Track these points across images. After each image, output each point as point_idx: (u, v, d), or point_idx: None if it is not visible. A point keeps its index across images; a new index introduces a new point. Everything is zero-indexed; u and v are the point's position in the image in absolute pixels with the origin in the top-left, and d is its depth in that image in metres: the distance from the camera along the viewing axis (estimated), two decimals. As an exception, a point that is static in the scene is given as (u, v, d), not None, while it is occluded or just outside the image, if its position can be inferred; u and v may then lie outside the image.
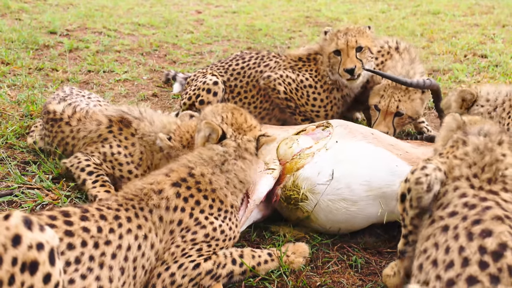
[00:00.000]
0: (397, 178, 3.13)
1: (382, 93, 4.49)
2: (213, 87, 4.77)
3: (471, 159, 2.43)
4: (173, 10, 12.09)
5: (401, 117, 4.47)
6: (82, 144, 3.79)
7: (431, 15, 11.69)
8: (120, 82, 6.41)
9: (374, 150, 3.33)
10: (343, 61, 4.42)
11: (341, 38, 4.45)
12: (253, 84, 4.84)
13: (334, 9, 12.92)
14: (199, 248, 2.72)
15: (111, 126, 3.74)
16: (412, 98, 4.44)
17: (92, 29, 9.07)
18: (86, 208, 2.51)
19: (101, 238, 2.41)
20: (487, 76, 6.85)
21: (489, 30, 9.79)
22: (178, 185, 2.78)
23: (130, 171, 3.64)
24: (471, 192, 2.29)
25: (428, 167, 2.42)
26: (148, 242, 2.59)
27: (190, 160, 2.93)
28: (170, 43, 8.61)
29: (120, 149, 3.67)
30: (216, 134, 2.96)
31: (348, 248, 3.22)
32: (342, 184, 3.16)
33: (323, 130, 3.64)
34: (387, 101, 4.44)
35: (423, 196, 2.38)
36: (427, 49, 8.53)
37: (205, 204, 2.80)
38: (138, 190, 2.73)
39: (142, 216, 2.63)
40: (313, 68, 4.70)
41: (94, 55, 7.47)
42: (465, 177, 2.37)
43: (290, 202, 3.27)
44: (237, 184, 2.97)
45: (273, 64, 4.82)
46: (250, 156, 3.01)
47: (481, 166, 2.39)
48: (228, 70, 4.93)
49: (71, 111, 3.90)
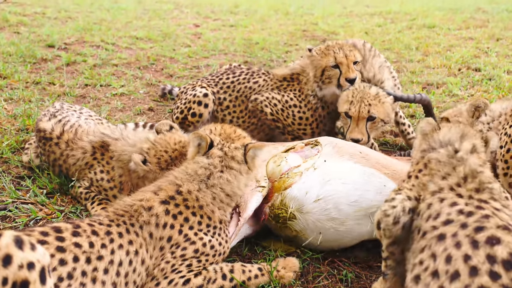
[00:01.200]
0: (385, 197, 3.15)
1: (350, 99, 4.40)
2: (204, 99, 4.84)
3: (441, 171, 2.47)
4: (171, 23, 12.18)
5: (373, 121, 4.40)
6: (74, 170, 3.85)
7: (426, 29, 11.79)
8: (117, 96, 6.46)
9: (361, 169, 3.36)
10: (345, 72, 4.51)
11: (339, 52, 4.55)
12: (242, 99, 4.92)
13: (331, 23, 13.02)
14: (189, 263, 2.75)
15: (94, 153, 3.76)
16: (383, 101, 4.38)
17: (90, 43, 9.15)
18: (77, 224, 2.54)
19: (93, 253, 2.44)
20: (480, 90, 6.91)
21: (484, 44, 9.88)
22: (167, 203, 2.81)
23: (114, 195, 3.66)
24: (462, 201, 2.30)
25: (396, 199, 2.47)
26: (139, 258, 2.62)
27: (177, 176, 2.96)
28: (167, 57, 8.67)
29: (103, 174, 3.70)
30: (205, 142, 2.98)
31: (338, 263, 3.25)
32: (330, 204, 3.18)
33: (312, 148, 3.67)
34: (358, 106, 4.35)
35: (391, 229, 2.44)
36: (422, 62, 8.60)
37: (193, 220, 2.84)
38: (128, 206, 2.77)
39: (133, 232, 2.66)
40: (296, 88, 4.80)
41: (92, 68, 7.53)
42: (447, 188, 2.40)
43: (278, 221, 3.30)
44: (223, 198, 2.98)
45: (261, 81, 4.89)
46: (237, 165, 3.00)
47: (461, 176, 2.41)
48: (218, 83, 5.01)
49: (60, 130, 3.93)
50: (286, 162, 3.52)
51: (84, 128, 3.94)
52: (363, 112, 4.33)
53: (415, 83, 7.26)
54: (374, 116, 4.35)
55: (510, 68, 7.93)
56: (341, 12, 15.37)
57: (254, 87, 4.88)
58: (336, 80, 4.57)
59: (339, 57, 4.54)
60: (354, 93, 4.40)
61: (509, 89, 6.78)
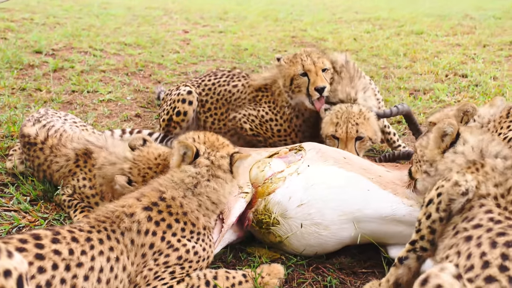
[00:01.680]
0: (368, 202, 3.19)
1: (335, 120, 4.32)
2: (188, 96, 4.88)
3: (496, 179, 2.57)
4: (160, 29, 12.17)
5: (362, 141, 4.34)
6: (58, 177, 3.83)
7: (414, 35, 11.87)
8: (104, 102, 6.43)
9: (345, 174, 3.36)
10: (313, 80, 4.43)
11: (307, 59, 4.48)
12: (223, 102, 4.93)
13: (320, 29, 13.07)
14: (172, 270, 2.74)
15: (77, 161, 3.73)
16: (368, 117, 4.33)
17: (78, 49, 9.11)
18: (57, 231, 2.52)
19: (72, 260, 2.41)
20: (467, 95, 6.96)
21: (471, 50, 9.95)
22: (149, 209, 2.79)
23: (96, 203, 3.64)
24: (497, 210, 2.44)
25: (468, 176, 2.55)
26: (120, 264, 2.60)
27: (162, 183, 2.95)
28: (155, 63, 8.65)
29: (85, 182, 3.67)
30: (191, 151, 2.97)
31: (323, 269, 3.25)
32: (313, 209, 3.18)
33: (296, 154, 3.66)
34: (345, 127, 4.27)
35: (456, 199, 2.51)
36: (409, 68, 8.65)
37: (177, 227, 2.82)
38: (110, 212, 2.75)
39: (114, 238, 2.64)
40: (271, 100, 4.76)
41: (79, 75, 7.50)
42: (493, 196, 2.51)
43: (262, 226, 3.29)
44: (209, 206, 2.98)
45: (240, 86, 4.90)
46: (223, 174, 3.01)
47: (507, 188, 2.52)
48: (200, 85, 5.02)
49: (44, 135, 3.91)
50: (270, 167, 3.52)
51: (68, 133, 3.92)
52: (351, 132, 4.27)
53: (402, 89, 7.30)
54: (363, 135, 4.29)
55: (496, 74, 7.99)
56: (330, 18, 15.43)
57: (234, 91, 4.90)
58: (305, 88, 4.49)
59: (306, 65, 4.46)
60: (338, 114, 4.33)
61: (495, 95, 6.82)
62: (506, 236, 2.24)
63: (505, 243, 2.20)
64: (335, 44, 10.84)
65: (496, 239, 2.24)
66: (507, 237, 2.24)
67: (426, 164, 3.01)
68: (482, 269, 2.15)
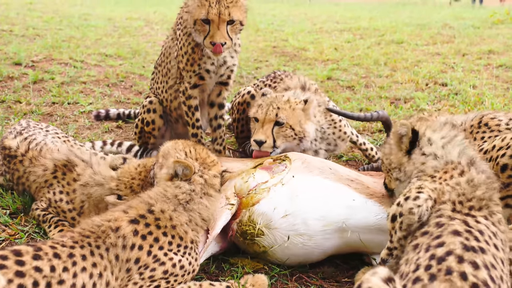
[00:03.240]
0: (353, 212, 3.20)
1: (260, 103, 4.27)
2: (150, 105, 4.95)
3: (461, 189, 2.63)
4: (141, 40, 12.13)
5: (281, 126, 4.14)
6: (35, 188, 3.77)
7: (394, 45, 11.98)
8: (85, 114, 6.39)
9: (330, 185, 3.37)
10: (212, 33, 4.10)
11: (214, 7, 4.04)
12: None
13: (301, 39, 13.14)
14: (157, 285, 2.71)
15: (55, 172, 3.66)
16: (293, 108, 4.18)
17: (58, 60, 9.03)
18: (39, 247, 2.48)
19: (54, 278, 2.38)
20: (447, 104, 7.03)
21: (450, 59, 10.07)
22: (136, 222, 2.77)
23: (73, 218, 3.57)
24: (448, 213, 2.50)
25: (420, 198, 2.60)
26: (103, 280, 2.57)
27: (152, 196, 2.93)
28: (136, 74, 8.62)
29: (62, 195, 3.59)
30: (190, 171, 2.97)
31: (306, 278, 3.24)
32: (298, 220, 3.18)
33: (280, 164, 3.66)
34: (265, 109, 4.17)
35: (413, 224, 2.58)
36: (390, 77, 8.72)
37: (164, 240, 2.80)
38: (95, 226, 2.71)
39: (98, 254, 2.60)
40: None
41: (59, 86, 7.43)
42: (451, 202, 2.56)
43: (246, 237, 3.28)
44: (199, 222, 2.99)
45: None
46: (215, 192, 3.06)
47: (469, 197, 2.57)
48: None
49: (25, 148, 3.85)
50: (254, 178, 3.51)
51: (50, 146, 3.87)
52: (270, 114, 4.14)
53: (383, 98, 7.36)
54: (283, 121, 4.13)
55: (475, 83, 8.09)
56: (311, 28, 15.52)
57: None
58: (203, 36, 4.17)
59: (211, 13, 4.01)
60: (265, 99, 4.30)
61: (475, 103, 6.91)
62: (440, 238, 2.34)
63: (436, 245, 2.30)
64: (316, 54, 10.90)
65: (431, 243, 2.34)
66: (440, 239, 2.33)
67: (396, 171, 3.08)
68: (413, 272, 2.25)
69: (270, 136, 4.12)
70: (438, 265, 2.18)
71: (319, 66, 9.71)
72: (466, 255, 2.19)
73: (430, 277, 2.15)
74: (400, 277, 2.34)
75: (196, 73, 4.45)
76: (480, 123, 3.77)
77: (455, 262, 2.16)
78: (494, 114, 3.79)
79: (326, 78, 8.69)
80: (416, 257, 2.33)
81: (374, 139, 5.77)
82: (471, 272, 2.12)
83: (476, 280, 2.09)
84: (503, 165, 3.22)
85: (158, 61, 5.10)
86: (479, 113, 3.89)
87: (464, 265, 2.14)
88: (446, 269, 2.14)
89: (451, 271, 2.13)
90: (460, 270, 2.12)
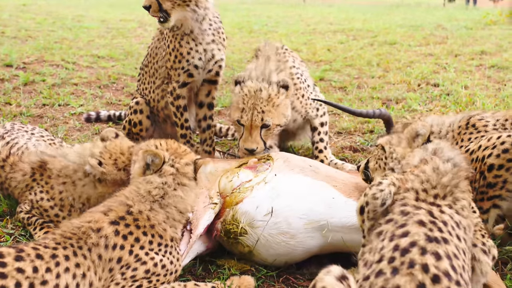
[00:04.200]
0: (334, 210, 3.19)
1: (242, 106, 4.04)
2: (136, 106, 4.95)
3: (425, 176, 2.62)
4: (134, 42, 12.11)
5: (268, 128, 4.08)
6: (17, 193, 3.75)
7: (387, 46, 11.99)
8: (75, 115, 6.36)
9: (311, 182, 3.38)
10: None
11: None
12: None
13: (294, 40, 13.14)
14: (139, 284, 2.70)
15: (34, 174, 3.65)
16: (277, 104, 4.06)
17: (50, 62, 9.00)
18: (21, 248, 2.47)
19: (36, 279, 2.37)
20: (439, 104, 7.02)
21: (442, 60, 10.07)
22: (117, 223, 2.76)
23: (56, 214, 3.55)
24: (412, 202, 2.49)
25: (383, 183, 2.60)
26: (86, 281, 2.56)
27: (128, 196, 2.91)
28: (128, 76, 8.58)
29: (42, 194, 3.58)
30: (159, 159, 2.95)
31: (293, 280, 3.22)
32: (280, 218, 3.17)
33: (264, 163, 3.67)
34: (250, 114, 4.01)
35: (378, 210, 2.55)
36: (382, 78, 8.72)
37: (144, 240, 2.79)
38: (76, 228, 2.70)
39: (81, 255, 2.59)
40: None
41: (50, 88, 7.41)
42: (414, 190, 2.55)
43: (230, 236, 3.27)
44: (176, 216, 2.96)
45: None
46: (188, 181, 3.01)
47: (434, 184, 2.56)
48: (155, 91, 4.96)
49: (6, 153, 3.83)
50: (238, 177, 3.50)
51: (30, 150, 3.83)
52: (256, 120, 4.02)
53: (375, 99, 7.35)
54: (269, 124, 4.05)
55: (467, 83, 8.09)
56: (305, 29, 15.53)
57: None
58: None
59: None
60: (245, 99, 4.04)
61: (466, 104, 6.91)
62: (405, 227, 2.33)
63: (400, 235, 2.30)
64: (309, 55, 10.89)
65: (396, 232, 2.33)
66: (404, 228, 2.32)
67: (395, 162, 3.09)
68: (377, 263, 2.25)
69: (260, 141, 4.07)
70: (401, 257, 2.18)
71: (312, 67, 9.70)
72: (429, 246, 2.20)
73: (392, 270, 2.16)
74: (364, 265, 2.35)
75: (185, 70, 4.43)
76: (467, 124, 3.76)
77: (418, 254, 2.17)
78: (481, 115, 3.78)
79: (319, 79, 8.68)
80: (380, 246, 2.33)
81: (365, 139, 5.76)
82: (433, 263, 2.13)
83: (437, 271, 2.11)
84: (490, 165, 3.22)
85: (144, 62, 5.09)
86: (466, 114, 3.88)
87: (427, 256, 2.15)
88: (409, 262, 2.15)
89: (414, 264, 2.14)
90: (422, 262, 2.13)
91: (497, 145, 3.22)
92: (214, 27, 4.41)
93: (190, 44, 4.33)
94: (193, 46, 4.33)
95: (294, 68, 4.67)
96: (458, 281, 2.12)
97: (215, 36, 4.44)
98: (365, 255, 2.43)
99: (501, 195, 3.27)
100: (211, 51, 4.41)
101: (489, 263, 2.65)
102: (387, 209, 2.54)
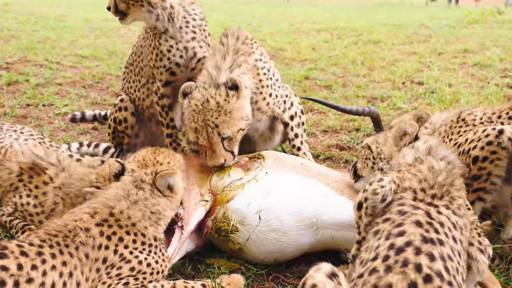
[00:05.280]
0: (325, 207, 3.20)
1: (194, 125, 3.66)
2: (121, 103, 4.92)
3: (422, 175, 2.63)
4: (118, 42, 12.04)
5: (230, 138, 3.68)
6: (1, 192, 3.69)
7: (372, 44, 12.06)
8: (60, 116, 6.30)
9: (302, 180, 3.38)
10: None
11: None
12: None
13: (279, 39, 13.16)
14: (126, 282, 2.69)
15: (21, 175, 3.57)
16: (229, 111, 3.63)
17: (33, 62, 8.93)
18: (4, 245, 2.44)
19: (21, 276, 2.35)
20: (423, 102, 7.07)
21: (426, 58, 10.16)
22: (101, 225, 2.77)
23: (40, 221, 3.47)
24: (410, 202, 2.49)
25: (385, 179, 2.61)
26: (73, 280, 2.54)
27: (109, 199, 2.96)
28: (113, 75, 8.53)
29: (29, 199, 3.51)
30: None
31: (283, 278, 3.23)
32: (271, 216, 3.18)
33: (255, 162, 3.68)
34: (204, 133, 3.64)
35: (377, 206, 2.56)
36: (367, 77, 8.76)
37: (128, 239, 2.80)
38: (61, 226, 2.68)
39: (67, 253, 2.57)
40: None
41: (34, 88, 7.34)
42: (412, 189, 2.56)
43: (220, 234, 3.27)
44: (150, 215, 2.98)
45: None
46: (148, 186, 3.06)
47: (431, 184, 2.57)
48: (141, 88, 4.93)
49: None
50: (229, 175, 3.51)
51: (15, 149, 3.78)
52: (213, 138, 3.62)
53: (360, 97, 7.38)
54: (228, 135, 3.65)
55: (451, 81, 8.17)
56: (289, 29, 15.57)
57: None
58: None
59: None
60: (195, 116, 3.65)
61: (451, 101, 6.97)
62: (402, 226, 2.33)
63: (397, 234, 2.30)
64: (294, 54, 10.92)
65: (392, 231, 2.33)
66: (401, 227, 2.33)
67: (383, 161, 3.12)
68: (372, 261, 2.25)
69: (226, 154, 3.68)
70: (396, 256, 2.19)
71: (296, 66, 9.73)
72: (424, 247, 2.20)
73: (386, 269, 2.16)
74: (360, 263, 2.36)
75: (167, 68, 4.39)
76: (458, 119, 3.82)
77: (412, 254, 2.17)
78: (471, 110, 3.84)
79: (304, 77, 8.70)
80: (376, 244, 2.34)
81: (351, 137, 5.78)
82: (426, 263, 2.14)
83: (430, 271, 2.11)
84: (474, 157, 3.25)
85: (129, 61, 5.06)
86: (458, 110, 3.94)
87: (421, 256, 2.16)
88: (403, 261, 2.15)
89: (407, 263, 2.14)
90: (416, 262, 2.14)
91: (481, 137, 3.25)
92: (192, 24, 4.37)
93: (169, 42, 4.31)
94: (173, 44, 4.31)
95: (261, 62, 4.21)
96: (450, 281, 2.12)
97: (196, 34, 4.40)
98: (361, 253, 2.45)
99: (485, 187, 3.29)
100: (192, 49, 4.38)
101: (486, 262, 2.64)
102: (384, 209, 2.55)
